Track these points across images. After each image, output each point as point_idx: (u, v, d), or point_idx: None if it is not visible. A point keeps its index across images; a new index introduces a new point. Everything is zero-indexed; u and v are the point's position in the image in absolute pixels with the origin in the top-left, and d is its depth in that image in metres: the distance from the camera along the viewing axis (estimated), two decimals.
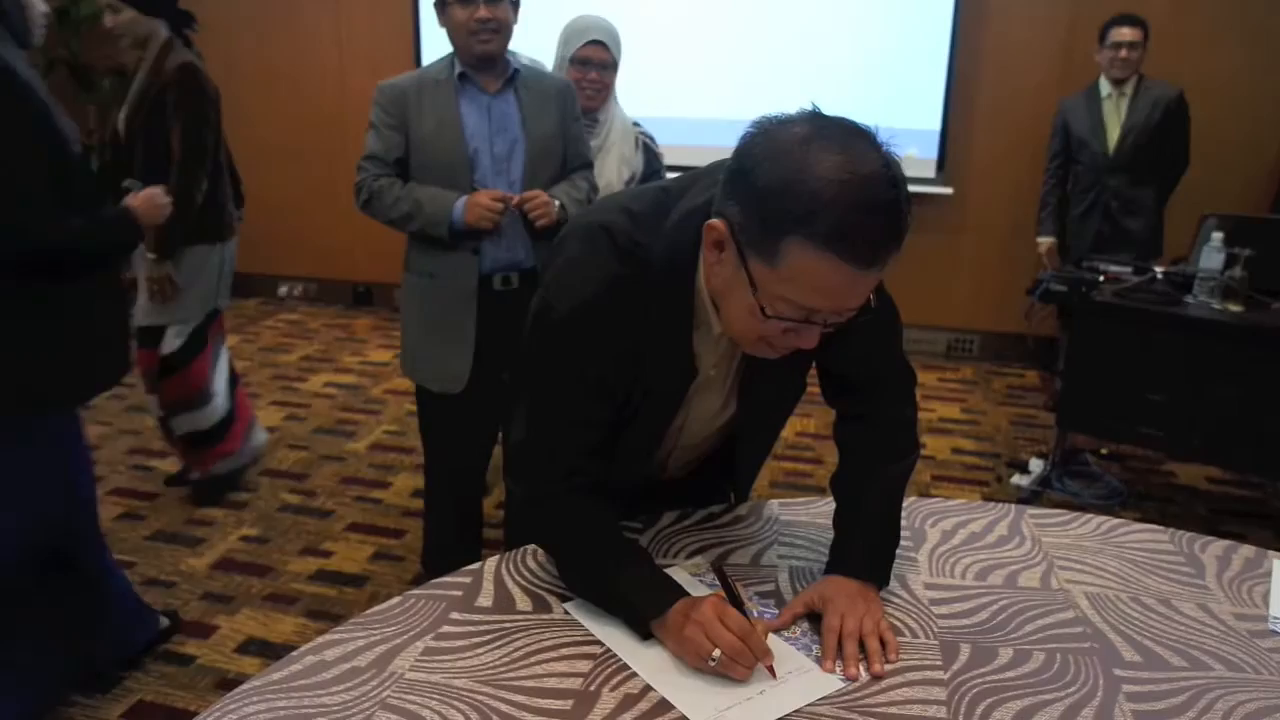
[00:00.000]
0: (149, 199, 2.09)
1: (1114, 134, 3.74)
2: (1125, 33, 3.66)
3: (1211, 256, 2.84)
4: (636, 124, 2.68)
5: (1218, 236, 2.84)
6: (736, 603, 1.10)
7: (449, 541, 2.44)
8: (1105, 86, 3.76)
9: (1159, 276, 3.06)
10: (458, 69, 2.13)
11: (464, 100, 2.13)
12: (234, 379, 3.07)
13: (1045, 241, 3.95)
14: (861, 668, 1.04)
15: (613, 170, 2.53)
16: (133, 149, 2.71)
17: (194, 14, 2.82)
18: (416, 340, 2.28)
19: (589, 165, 2.34)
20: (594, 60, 2.45)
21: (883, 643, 1.07)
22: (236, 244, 2.95)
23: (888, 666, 1.05)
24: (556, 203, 2.15)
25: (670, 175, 1.44)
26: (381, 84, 2.16)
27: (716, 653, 0.99)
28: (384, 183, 2.14)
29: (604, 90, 2.51)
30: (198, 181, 2.70)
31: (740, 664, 0.99)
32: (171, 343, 2.84)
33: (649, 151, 2.68)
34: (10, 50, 1.70)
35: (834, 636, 1.07)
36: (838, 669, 1.04)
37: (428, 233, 2.12)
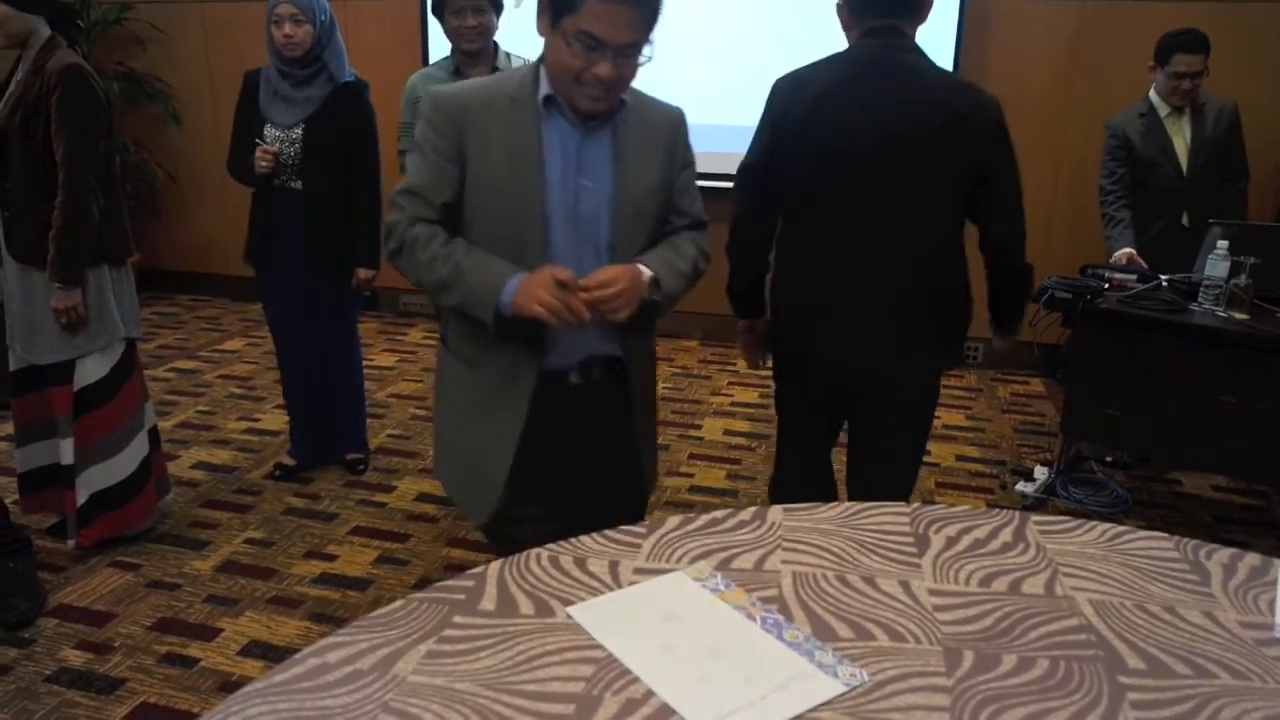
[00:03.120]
0: None
1: (1183, 153, 3.42)
2: (1191, 62, 3.28)
3: (1217, 264, 2.84)
4: None
5: (1223, 244, 2.84)
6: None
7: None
8: (1162, 106, 3.43)
9: (1164, 284, 3.06)
10: (544, 89, 1.55)
11: (548, 134, 1.56)
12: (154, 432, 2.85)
13: (1126, 252, 3.39)
14: (864, 672, 1.04)
15: None
16: (4, 150, 2.49)
17: (76, 11, 2.60)
18: (445, 436, 1.79)
19: (701, 224, 1.79)
20: None
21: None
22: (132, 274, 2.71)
23: (891, 672, 1.04)
24: (648, 274, 1.59)
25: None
26: (436, 90, 1.58)
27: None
28: (422, 231, 1.57)
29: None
30: (92, 192, 2.48)
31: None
32: (92, 373, 2.60)
33: None
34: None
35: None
36: (838, 671, 1.04)
37: (467, 312, 1.59)
